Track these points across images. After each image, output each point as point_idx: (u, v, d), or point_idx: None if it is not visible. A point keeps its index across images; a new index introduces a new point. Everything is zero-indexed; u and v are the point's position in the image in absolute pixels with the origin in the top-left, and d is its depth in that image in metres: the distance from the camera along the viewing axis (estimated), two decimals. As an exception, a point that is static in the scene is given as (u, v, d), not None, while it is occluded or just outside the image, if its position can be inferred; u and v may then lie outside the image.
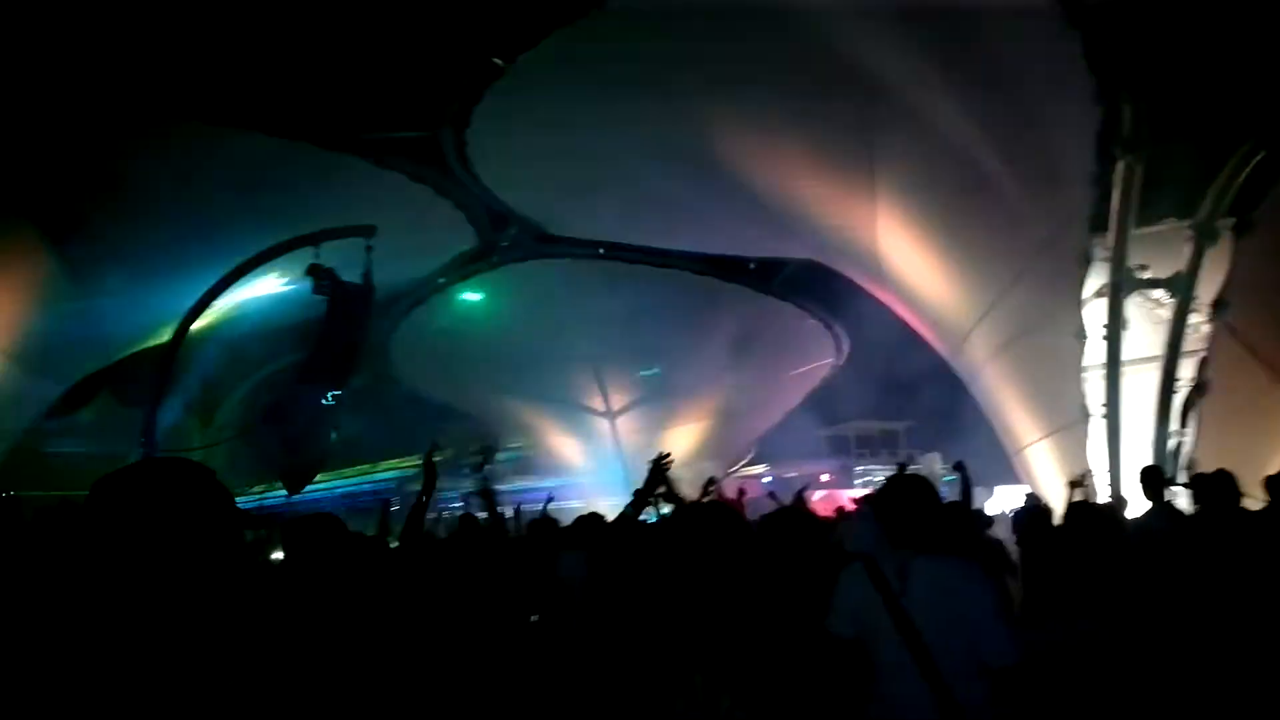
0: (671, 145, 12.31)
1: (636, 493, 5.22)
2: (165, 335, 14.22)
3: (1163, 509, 6.62)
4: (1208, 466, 7.62)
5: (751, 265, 18.37)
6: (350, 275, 13.11)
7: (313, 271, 12.82)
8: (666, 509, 5.43)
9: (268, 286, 15.60)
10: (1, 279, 12.84)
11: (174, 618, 1.53)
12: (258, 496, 18.31)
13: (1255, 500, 8.55)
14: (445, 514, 12.40)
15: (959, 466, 6.27)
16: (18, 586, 3.38)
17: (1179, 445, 10.72)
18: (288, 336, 17.49)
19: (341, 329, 13.25)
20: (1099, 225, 10.23)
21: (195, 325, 13.79)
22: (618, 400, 22.60)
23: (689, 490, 6.78)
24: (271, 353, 20.10)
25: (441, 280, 18.42)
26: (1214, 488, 6.02)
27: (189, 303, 13.50)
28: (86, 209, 12.38)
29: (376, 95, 11.34)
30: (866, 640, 2.94)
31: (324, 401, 13.49)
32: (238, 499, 1.73)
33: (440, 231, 15.89)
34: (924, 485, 3.14)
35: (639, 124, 11.99)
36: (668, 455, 5.12)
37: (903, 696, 2.79)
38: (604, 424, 22.79)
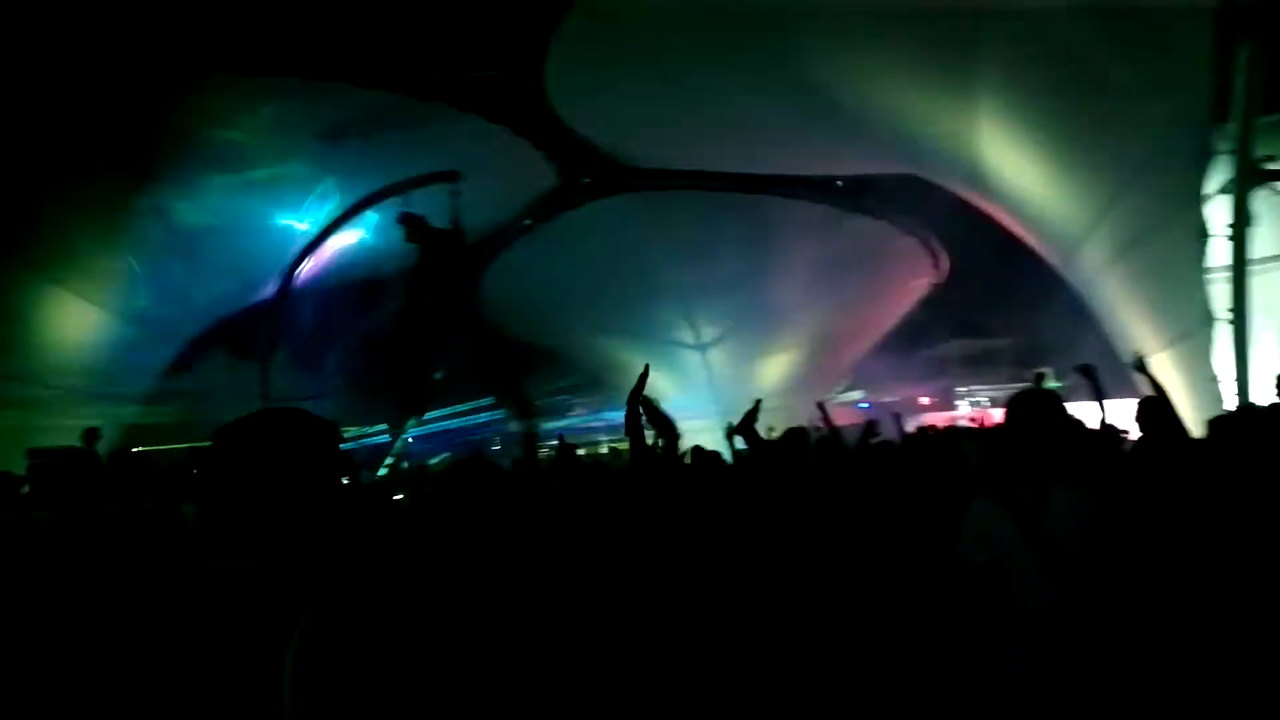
0: (756, 64, 11.88)
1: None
2: (266, 292, 14.69)
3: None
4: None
5: (840, 183, 17.80)
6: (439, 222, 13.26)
7: (403, 220, 13.00)
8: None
9: (359, 238, 15.91)
10: (112, 243, 13.37)
11: (293, 562, 1.54)
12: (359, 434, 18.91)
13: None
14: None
15: (1087, 371, 5.31)
16: (148, 538, 3.52)
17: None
18: (386, 286, 17.86)
19: (434, 275, 13.46)
20: (1220, 115, 9.51)
21: (297, 278, 14.18)
22: (709, 333, 22.42)
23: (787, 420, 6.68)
24: (372, 302, 20.57)
25: (527, 221, 18.46)
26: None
27: (287, 258, 13.88)
28: (184, 170, 12.75)
29: (451, 32, 11.25)
30: (1005, 570, 2.77)
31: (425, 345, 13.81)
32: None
33: (522, 172, 15.85)
34: (1053, 402, 2.85)
35: (721, 45, 11.60)
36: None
37: (1046, 629, 2.65)
38: (696, 357, 22.66)
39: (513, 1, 10.91)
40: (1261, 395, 9.01)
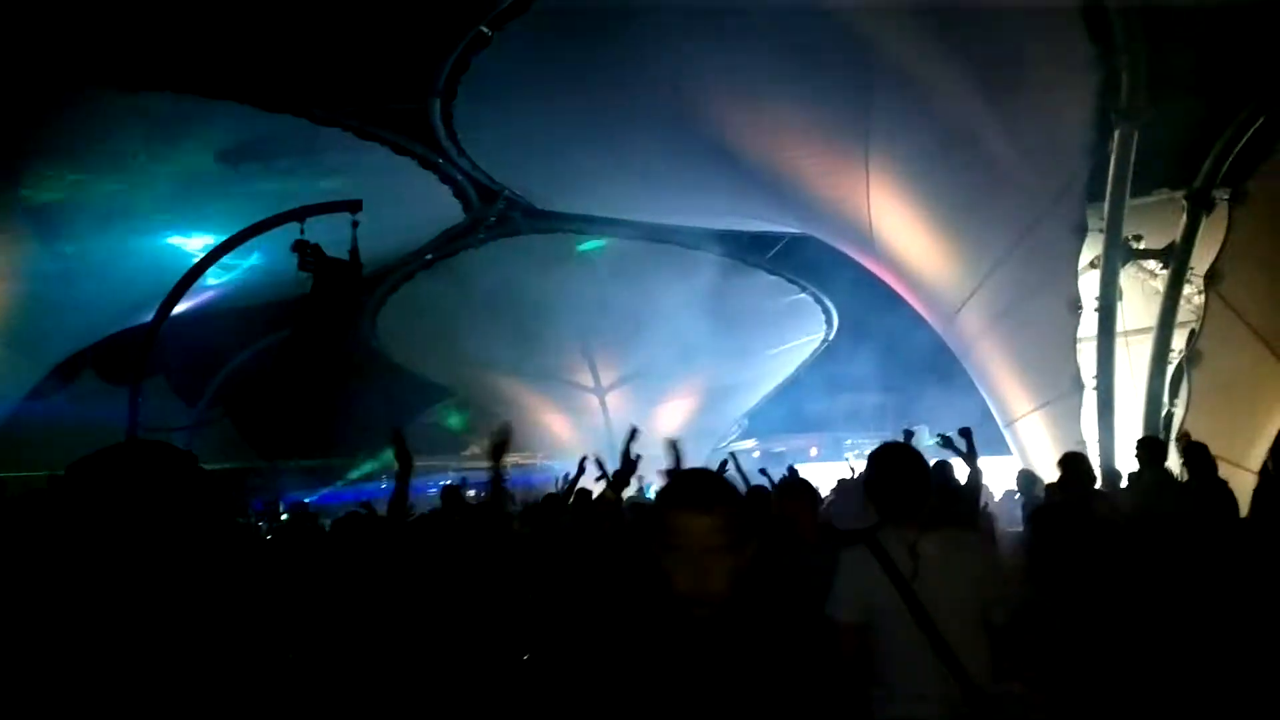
0: (663, 118, 12.13)
1: (614, 475, 5.19)
2: (148, 314, 14.01)
3: (1161, 479, 6.62)
4: (1198, 439, 7.62)
5: (745, 239, 18.24)
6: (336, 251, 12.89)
7: (298, 247, 12.55)
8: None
9: (253, 263, 15.40)
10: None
11: (149, 600, 1.46)
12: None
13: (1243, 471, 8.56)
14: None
15: (965, 433, 6.03)
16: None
17: (1170, 417, 10.71)
18: (275, 314, 17.29)
19: (328, 305, 13.03)
20: (1095, 195, 10.14)
21: (180, 305, 13.56)
22: (607, 377, 22.47)
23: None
24: (258, 330, 19.89)
25: (429, 256, 18.22)
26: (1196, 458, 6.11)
27: (173, 280, 13.28)
28: (67, 183, 12.16)
29: (360, 65, 11.11)
30: (872, 625, 2.83)
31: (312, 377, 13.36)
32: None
33: (427, 206, 15.67)
34: (914, 456, 3.02)
35: (630, 96, 11.80)
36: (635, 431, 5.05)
37: (916, 681, 2.71)
38: (594, 400, 22.68)
39: (425, 37, 10.84)
40: (1123, 459, 9.56)
